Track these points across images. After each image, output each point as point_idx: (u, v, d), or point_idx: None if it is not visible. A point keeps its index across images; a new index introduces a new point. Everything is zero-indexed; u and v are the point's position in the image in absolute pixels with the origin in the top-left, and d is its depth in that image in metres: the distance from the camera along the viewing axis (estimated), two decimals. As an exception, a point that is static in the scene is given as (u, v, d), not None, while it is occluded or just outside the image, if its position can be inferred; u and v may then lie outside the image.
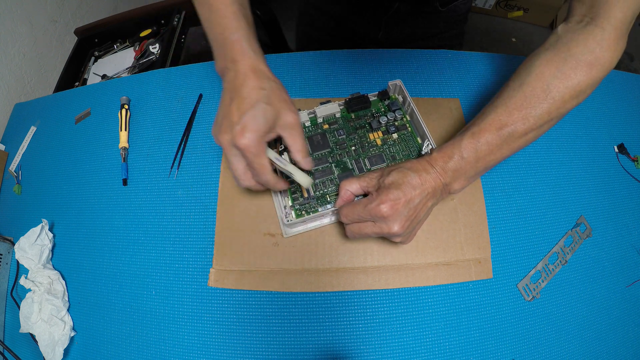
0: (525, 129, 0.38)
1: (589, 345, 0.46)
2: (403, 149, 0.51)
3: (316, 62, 0.62)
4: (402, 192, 0.37)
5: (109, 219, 0.53)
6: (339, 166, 0.50)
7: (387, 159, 0.50)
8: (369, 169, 0.49)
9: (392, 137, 0.52)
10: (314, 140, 0.51)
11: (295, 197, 0.48)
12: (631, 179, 0.54)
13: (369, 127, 0.52)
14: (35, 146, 0.63)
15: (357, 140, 0.52)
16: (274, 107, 0.37)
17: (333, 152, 0.51)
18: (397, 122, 0.52)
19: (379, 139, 0.51)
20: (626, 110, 0.60)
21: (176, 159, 0.55)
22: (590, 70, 0.37)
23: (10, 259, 0.54)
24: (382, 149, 0.51)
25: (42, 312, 0.47)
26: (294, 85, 0.60)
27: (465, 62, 0.61)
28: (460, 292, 0.47)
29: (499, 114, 0.39)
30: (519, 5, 1.87)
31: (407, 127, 0.52)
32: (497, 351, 0.45)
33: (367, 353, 0.45)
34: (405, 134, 0.52)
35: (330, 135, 0.52)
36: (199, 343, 0.46)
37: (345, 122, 0.53)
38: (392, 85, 0.53)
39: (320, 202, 0.48)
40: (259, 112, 0.36)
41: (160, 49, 1.07)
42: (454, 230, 0.49)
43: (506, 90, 0.40)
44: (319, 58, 0.62)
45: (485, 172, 0.41)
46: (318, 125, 0.53)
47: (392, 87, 0.53)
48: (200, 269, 0.49)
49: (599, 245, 0.50)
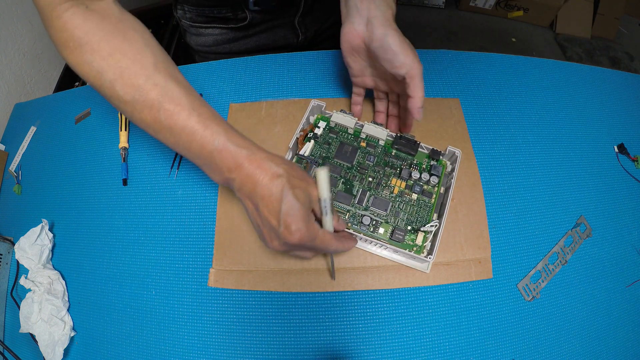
0: None
1: (589, 345, 0.46)
2: (412, 212, 0.47)
3: (321, 61, 0.62)
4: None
5: (109, 219, 0.53)
6: (346, 185, 0.48)
7: (391, 210, 0.47)
8: (368, 206, 0.47)
9: (411, 195, 0.48)
10: (344, 148, 0.50)
11: None
12: (631, 179, 0.54)
13: (398, 172, 0.49)
14: (35, 146, 0.63)
15: (379, 175, 0.49)
16: (301, 188, 0.35)
17: (351, 170, 0.49)
18: (426, 187, 0.49)
19: (398, 188, 0.48)
20: (626, 110, 0.60)
21: (176, 159, 0.55)
22: None
23: (10, 259, 0.54)
24: (394, 199, 0.48)
25: (42, 312, 0.47)
26: (295, 84, 0.60)
27: (465, 62, 0.61)
28: (460, 292, 0.47)
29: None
30: (519, 5, 1.88)
31: (432, 197, 0.48)
32: (497, 351, 0.45)
33: (367, 353, 0.45)
34: (425, 202, 0.48)
35: (362, 153, 0.50)
36: (199, 343, 0.46)
37: (382, 153, 0.50)
38: (451, 150, 0.49)
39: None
40: (291, 202, 0.34)
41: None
42: (454, 230, 0.49)
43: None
44: (323, 58, 0.62)
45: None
46: (358, 138, 0.51)
47: (449, 152, 0.49)
48: (200, 269, 0.49)
49: (599, 245, 0.50)
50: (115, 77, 0.35)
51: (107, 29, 0.36)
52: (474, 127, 0.55)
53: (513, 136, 0.55)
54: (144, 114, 0.36)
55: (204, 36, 0.68)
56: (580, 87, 0.61)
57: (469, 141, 0.54)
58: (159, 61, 0.37)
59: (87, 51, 0.35)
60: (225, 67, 0.62)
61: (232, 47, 0.69)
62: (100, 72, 0.35)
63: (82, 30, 0.35)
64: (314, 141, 0.50)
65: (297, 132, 0.50)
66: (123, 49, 0.36)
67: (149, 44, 0.37)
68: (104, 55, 0.35)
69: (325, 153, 0.50)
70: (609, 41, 1.90)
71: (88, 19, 0.35)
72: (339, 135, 0.51)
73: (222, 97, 0.59)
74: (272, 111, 0.56)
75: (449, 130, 0.54)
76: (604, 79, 0.62)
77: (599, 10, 1.88)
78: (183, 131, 0.35)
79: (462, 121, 0.55)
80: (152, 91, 0.35)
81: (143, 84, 0.35)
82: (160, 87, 0.35)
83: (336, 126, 0.52)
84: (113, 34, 0.36)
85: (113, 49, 0.35)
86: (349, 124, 0.51)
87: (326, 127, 0.52)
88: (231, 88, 0.60)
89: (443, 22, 1.95)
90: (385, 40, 0.41)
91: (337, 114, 0.51)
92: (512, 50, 1.84)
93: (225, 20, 0.65)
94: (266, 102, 0.57)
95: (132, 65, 0.35)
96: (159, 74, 0.36)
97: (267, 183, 0.34)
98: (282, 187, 0.34)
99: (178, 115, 0.35)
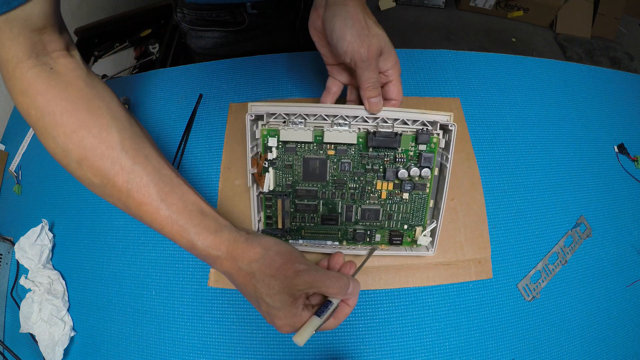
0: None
1: (589, 345, 0.46)
2: (406, 211, 0.43)
3: (321, 61, 0.62)
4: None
5: (109, 219, 0.53)
6: (326, 205, 0.43)
7: (383, 216, 0.43)
8: (358, 220, 0.43)
9: (401, 195, 0.43)
10: (310, 165, 0.41)
11: (269, 223, 0.46)
12: (631, 179, 0.54)
13: (381, 173, 0.42)
14: (36, 146, 0.62)
15: (361, 182, 0.42)
16: (276, 275, 0.32)
17: (327, 187, 0.42)
18: (417, 179, 0.42)
19: (385, 191, 0.43)
20: (626, 110, 0.60)
21: (176, 159, 0.55)
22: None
23: (10, 259, 0.54)
24: (383, 203, 0.43)
25: (42, 312, 0.47)
26: (294, 84, 0.60)
27: (465, 62, 0.61)
28: (460, 292, 0.47)
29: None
30: (519, 5, 1.87)
31: (426, 187, 0.42)
32: (497, 351, 0.45)
33: (367, 353, 0.45)
34: (419, 196, 0.42)
35: (333, 164, 0.42)
36: (199, 343, 0.46)
37: (357, 155, 0.42)
38: (439, 118, 0.40)
39: (293, 235, 0.46)
40: (268, 303, 0.33)
41: (160, 49, 1.08)
42: (454, 230, 0.49)
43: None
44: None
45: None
46: (322, 146, 0.42)
47: (435, 121, 0.41)
48: (200, 269, 0.49)
49: (599, 245, 0.50)
50: (80, 157, 0.33)
51: (70, 98, 0.33)
52: (474, 127, 0.55)
53: (513, 136, 0.55)
54: (113, 199, 0.34)
55: (204, 39, 0.68)
56: (580, 87, 0.61)
57: (469, 141, 0.54)
58: (126, 138, 0.34)
59: (51, 125, 0.33)
60: (225, 68, 0.62)
61: (232, 49, 0.69)
62: (65, 151, 0.33)
63: (45, 98, 0.33)
64: (273, 169, 0.43)
65: (248, 169, 0.43)
66: (88, 125, 0.33)
67: (116, 116, 0.34)
68: (67, 131, 0.33)
69: (291, 178, 0.43)
70: (609, 41, 1.90)
71: (51, 85, 0.33)
72: (298, 149, 0.42)
73: (222, 97, 0.59)
74: (272, 111, 0.56)
75: (449, 130, 0.54)
76: (604, 79, 0.62)
77: (599, 10, 1.88)
78: (153, 223, 0.34)
79: (462, 121, 0.55)
80: (118, 176, 0.33)
81: (110, 169, 0.33)
82: (126, 172, 0.33)
83: (290, 142, 0.42)
84: (77, 105, 0.33)
85: (77, 124, 0.33)
86: (306, 138, 0.41)
87: (279, 145, 0.42)
88: (231, 88, 0.60)
89: (443, 22, 1.95)
90: (332, 22, 0.37)
91: (284, 130, 0.41)
92: (512, 50, 1.84)
93: (224, 24, 0.65)
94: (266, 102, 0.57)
95: (98, 144, 0.33)
96: (125, 154, 0.33)
97: (243, 286, 0.34)
98: (255, 290, 0.33)
99: (146, 207, 0.33)
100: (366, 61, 0.37)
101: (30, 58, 0.32)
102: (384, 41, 0.38)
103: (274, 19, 0.65)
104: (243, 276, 0.33)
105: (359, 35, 0.36)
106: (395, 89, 0.41)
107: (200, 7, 0.62)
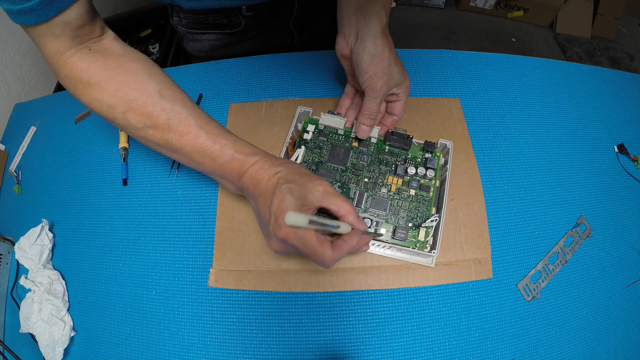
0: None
1: (589, 345, 0.46)
2: (412, 209, 0.47)
3: (321, 61, 0.62)
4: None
5: (109, 219, 0.53)
6: (342, 188, 0.48)
7: (390, 209, 0.47)
8: (367, 208, 0.47)
9: (409, 192, 0.48)
10: (336, 150, 0.49)
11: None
12: (631, 179, 0.54)
13: (393, 169, 0.49)
14: (35, 146, 0.63)
15: (375, 174, 0.49)
16: (297, 183, 0.35)
17: (346, 172, 0.49)
18: (423, 181, 0.48)
19: (395, 185, 0.48)
20: (626, 110, 0.60)
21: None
22: None
23: (10, 259, 0.54)
24: (392, 197, 0.48)
25: (42, 312, 0.47)
26: (295, 84, 0.60)
27: (465, 62, 0.61)
28: (460, 292, 0.47)
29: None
30: (519, 5, 1.88)
31: (430, 191, 0.48)
32: (497, 351, 0.45)
33: (367, 353, 0.45)
34: (423, 197, 0.48)
35: (355, 154, 0.50)
36: (199, 343, 0.46)
37: (375, 151, 0.50)
38: (442, 142, 0.49)
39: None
40: (282, 195, 0.34)
41: (160, 49, 1.08)
42: (454, 230, 0.49)
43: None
44: (323, 57, 0.62)
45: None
46: (349, 139, 0.51)
47: (441, 144, 0.50)
48: (200, 269, 0.49)
49: (599, 245, 0.50)
50: (125, 109, 0.38)
51: (111, 67, 0.39)
52: (474, 127, 0.55)
53: (513, 136, 0.55)
54: (156, 137, 0.39)
55: (201, 42, 0.68)
56: (580, 87, 0.61)
57: (469, 141, 0.54)
58: (163, 88, 0.39)
59: (96, 91, 0.38)
60: (225, 68, 0.62)
61: (229, 51, 0.69)
62: (111, 107, 0.38)
63: (88, 73, 0.38)
64: (305, 147, 0.49)
65: (286, 141, 0.50)
66: (128, 83, 0.38)
67: (152, 72, 0.40)
68: (112, 92, 0.38)
69: (318, 158, 0.49)
70: (609, 41, 1.90)
71: (92, 61, 0.38)
72: (329, 137, 0.51)
73: (221, 97, 0.59)
74: (272, 111, 0.56)
75: (449, 130, 0.54)
76: (604, 79, 0.62)
77: (599, 10, 1.88)
78: (194, 149, 0.38)
79: (462, 121, 0.55)
80: (160, 116, 0.38)
81: (152, 111, 0.38)
82: (167, 111, 0.38)
83: (325, 128, 0.51)
84: (117, 71, 0.39)
85: (119, 84, 0.38)
86: (339, 125, 0.50)
87: (315, 131, 0.51)
88: (231, 88, 0.60)
89: (443, 22, 1.95)
90: (360, 56, 0.43)
91: (325, 115, 0.50)
92: (512, 50, 1.84)
93: (220, 27, 0.65)
94: (266, 102, 0.57)
95: (139, 96, 0.38)
96: (164, 99, 0.38)
97: (265, 181, 0.36)
98: (278, 183, 0.35)
99: (188, 135, 0.38)
100: (376, 93, 0.44)
101: (71, 49, 0.38)
102: (400, 80, 0.45)
103: (269, 20, 0.66)
104: (270, 174, 0.36)
105: (380, 74, 0.43)
106: (399, 108, 0.49)
107: (197, 11, 0.62)
